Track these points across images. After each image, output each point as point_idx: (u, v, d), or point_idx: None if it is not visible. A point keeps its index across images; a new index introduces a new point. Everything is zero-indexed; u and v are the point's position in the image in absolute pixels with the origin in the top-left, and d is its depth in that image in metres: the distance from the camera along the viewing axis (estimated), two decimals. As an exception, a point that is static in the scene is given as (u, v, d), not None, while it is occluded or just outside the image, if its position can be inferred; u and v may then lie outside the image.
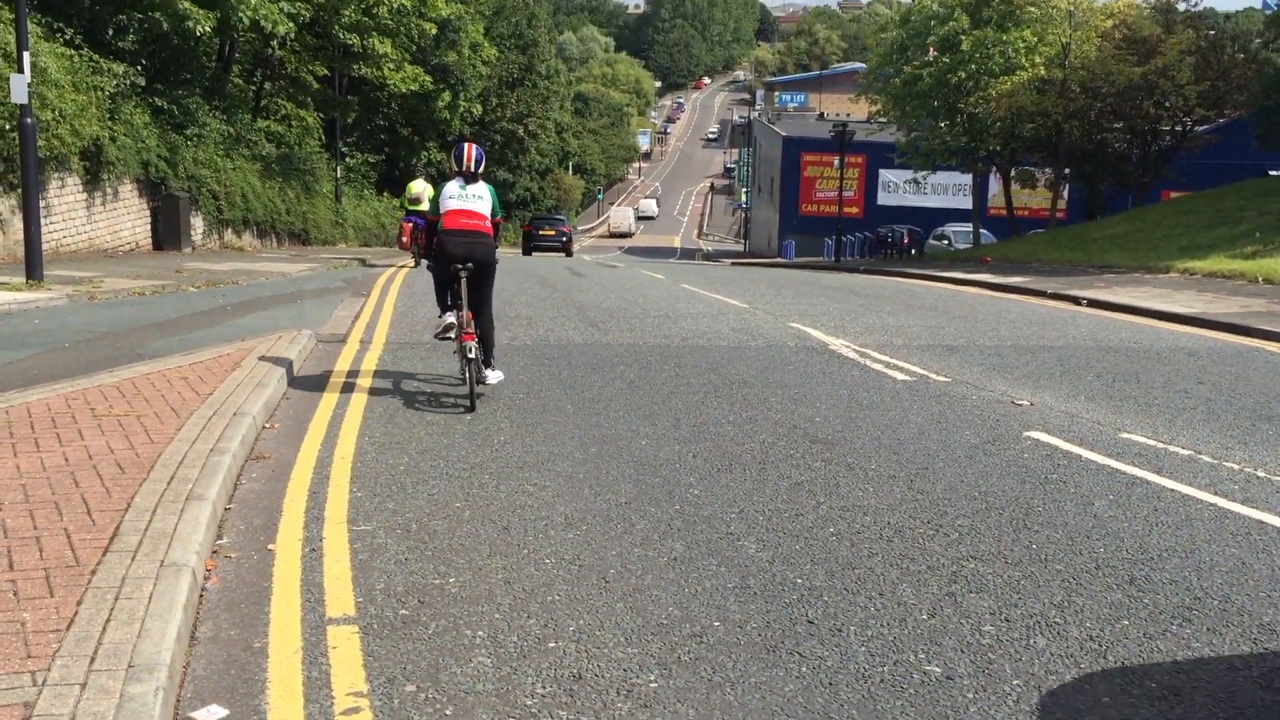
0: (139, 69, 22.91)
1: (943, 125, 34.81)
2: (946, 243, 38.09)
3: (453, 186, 8.19)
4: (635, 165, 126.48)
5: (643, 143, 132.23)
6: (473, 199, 8.10)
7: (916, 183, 43.43)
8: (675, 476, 6.12)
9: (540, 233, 41.57)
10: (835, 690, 3.62)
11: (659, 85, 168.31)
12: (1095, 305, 16.43)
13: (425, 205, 20.42)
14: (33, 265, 14.50)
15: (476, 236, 8.02)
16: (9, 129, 16.57)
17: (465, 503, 5.55)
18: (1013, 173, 35.89)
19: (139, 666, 3.29)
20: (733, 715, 3.45)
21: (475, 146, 8.41)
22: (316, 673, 3.66)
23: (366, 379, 8.79)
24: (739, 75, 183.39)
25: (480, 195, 8.16)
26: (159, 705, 3.14)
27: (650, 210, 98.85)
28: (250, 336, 10.31)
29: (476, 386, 7.90)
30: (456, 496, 5.66)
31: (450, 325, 8.01)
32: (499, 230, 8.32)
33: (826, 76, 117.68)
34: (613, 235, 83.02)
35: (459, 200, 8.08)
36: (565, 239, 41.51)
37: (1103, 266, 22.03)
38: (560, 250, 40.74)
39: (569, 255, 39.93)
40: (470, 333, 7.84)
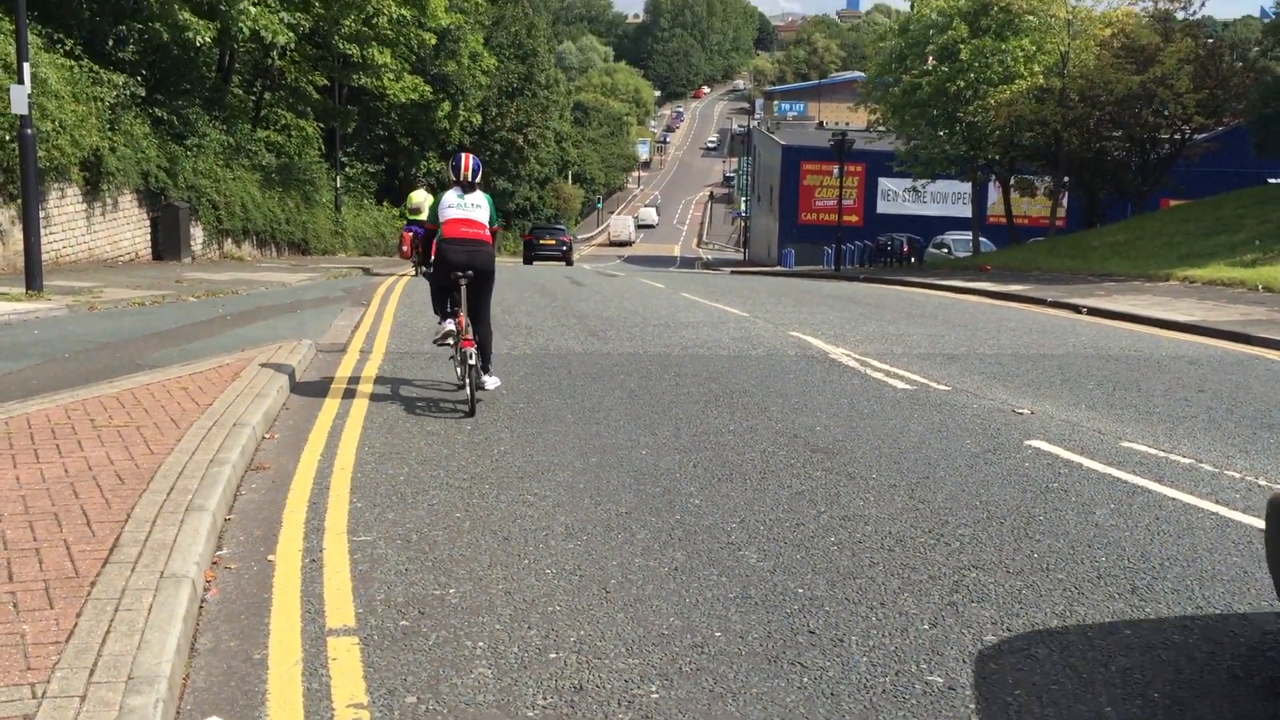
0: (139, 79, 22.96)
1: (942, 134, 34.91)
2: (946, 251, 38.11)
3: (451, 196, 8.31)
4: (635, 174, 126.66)
5: (642, 152, 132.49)
6: (471, 208, 8.24)
7: (916, 191, 43.50)
8: (676, 486, 6.11)
9: (541, 242, 42.23)
10: (837, 701, 3.61)
11: (658, 94, 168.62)
12: (1095, 313, 16.44)
13: (425, 215, 20.57)
14: (32, 276, 14.52)
15: (476, 244, 8.16)
16: (9, 140, 16.60)
17: (465, 513, 5.54)
18: (1012, 181, 35.98)
19: (139, 678, 3.28)
20: (734, 726, 3.44)
21: (473, 156, 8.53)
22: (317, 684, 3.65)
23: (366, 388, 8.79)
24: (738, 84, 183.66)
25: (479, 204, 8.28)
26: (159, 717, 3.13)
27: (650, 219, 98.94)
28: (250, 346, 10.32)
29: (475, 392, 7.99)
30: (457, 507, 5.65)
31: (450, 332, 8.29)
32: (497, 238, 8.44)
33: (825, 85, 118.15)
34: (612, 244, 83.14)
35: (458, 209, 8.20)
36: (565, 248, 42.28)
37: (1103, 274, 22.04)
38: (561, 259, 41.25)
39: (569, 264, 40.23)
40: (469, 339, 7.96)
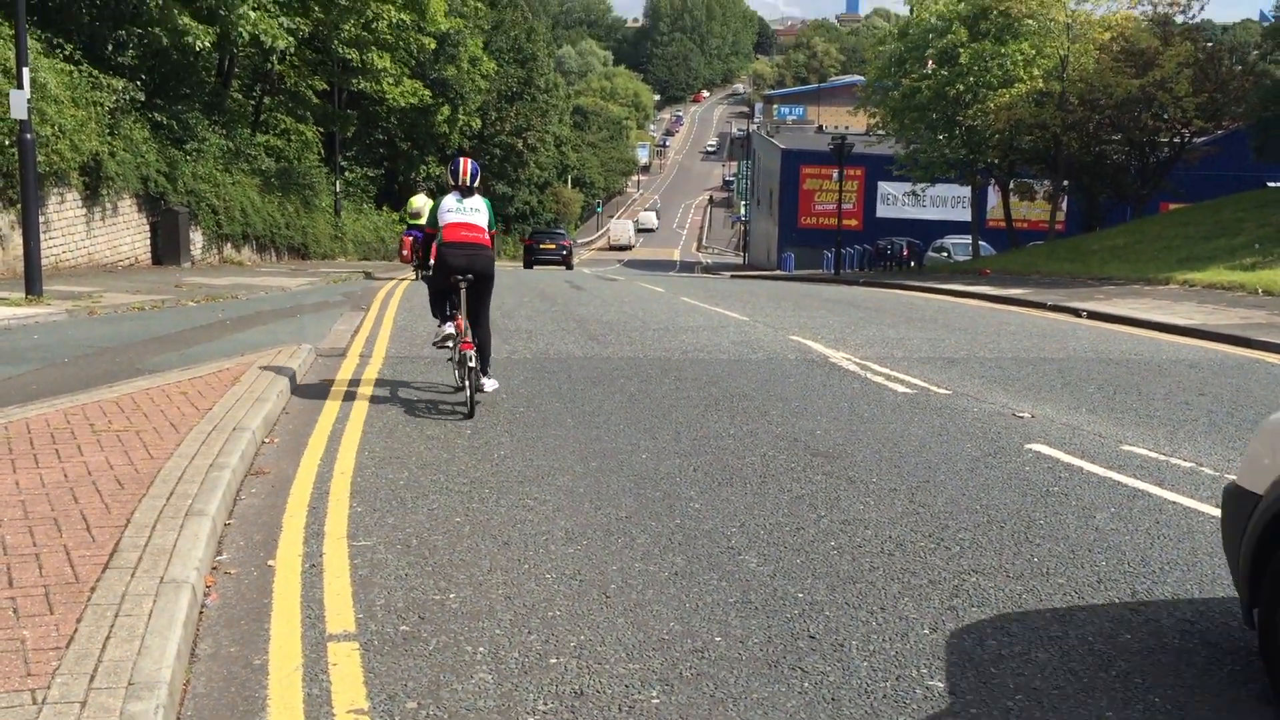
0: (138, 84, 22.97)
1: (941, 138, 34.91)
2: (946, 255, 38.13)
3: (450, 200, 8.41)
4: (634, 178, 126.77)
5: (641, 156, 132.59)
6: (470, 211, 8.37)
7: (915, 195, 43.50)
8: (676, 490, 6.11)
9: (541, 246, 42.58)
10: (838, 706, 3.60)
11: (658, 98, 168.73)
12: (1095, 317, 16.44)
13: (425, 219, 20.64)
14: (32, 280, 14.52)
15: (476, 248, 8.25)
16: (9, 144, 16.60)
17: (465, 517, 5.54)
18: (1011, 185, 35.98)
19: (139, 684, 3.28)
20: (735, 731, 3.44)
21: (471, 161, 8.65)
22: (317, 690, 3.64)
23: (366, 392, 8.79)
24: (737, 88, 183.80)
25: (477, 208, 8.38)
26: (159, 723, 3.12)
27: (650, 223, 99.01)
28: (250, 351, 10.31)
29: (474, 394, 8.06)
30: (457, 511, 5.64)
31: (449, 335, 8.47)
32: (496, 242, 8.52)
33: (825, 89, 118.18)
34: (612, 248, 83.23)
35: (457, 213, 8.33)
36: (566, 252, 42.67)
37: (1102, 278, 22.05)
38: (561, 264, 41.52)
39: (569, 268, 40.41)
40: (469, 342, 8.07)
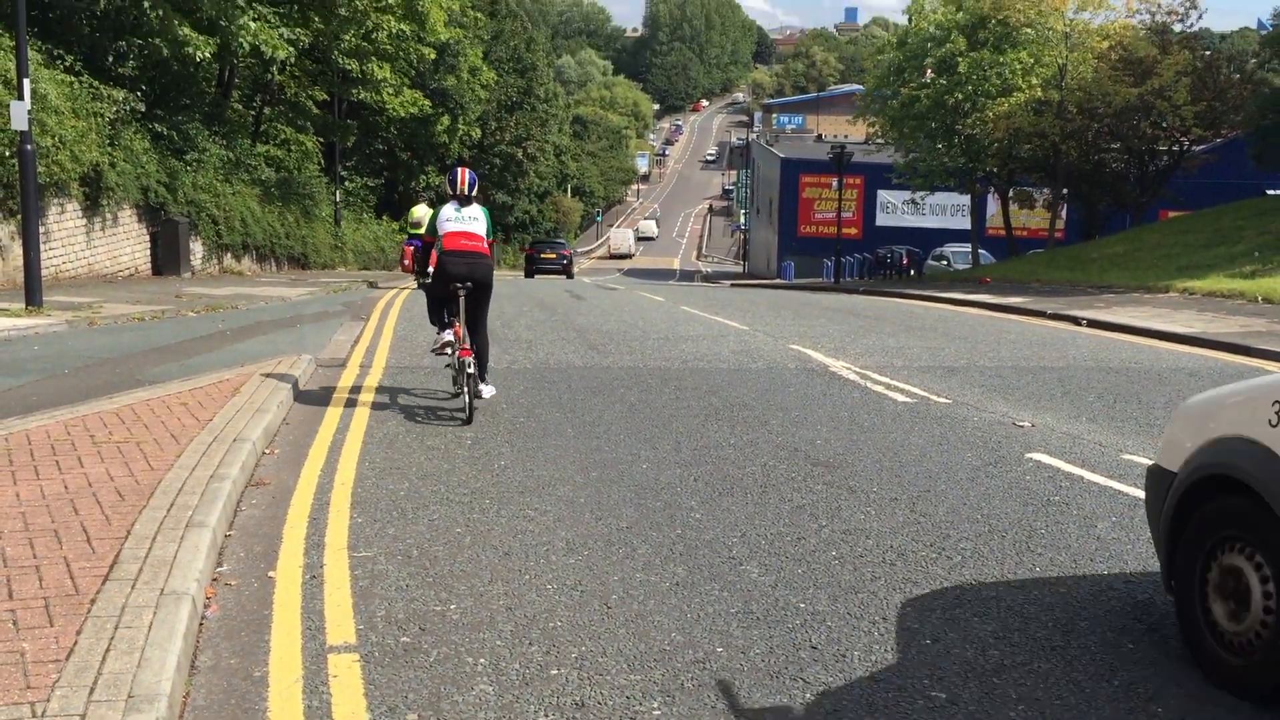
0: (139, 95, 23.01)
1: (940, 146, 34.97)
2: (945, 263, 38.16)
3: (449, 209, 8.49)
4: (634, 187, 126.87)
5: (641, 165, 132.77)
6: (469, 220, 8.49)
7: (915, 203, 43.57)
8: (676, 500, 6.10)
9: (542, 255, 43.02)
10: (839, 717, 3.59)
11: (657, 108, 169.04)
12: (1095, 325, 16.44)
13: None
14: (32, 291, 14.52)
15: (476, 257, 8.34)
16: (9, 155, 16.62)
17: (466, 528, 5.53)
18: (1011, 193, 36.03)
19: (139, 696, 3.27)
20: (737, 743, 3.43)
21: (469, 171, 8.74)
22: (317, 702, 3.63)
23: (366, 401, 8.79)
24: (737, 97, 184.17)
25: (476, 217, 8.47)
26: (159, 736, 3.12)
27: (650, 232, 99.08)
28: (250, 361, 10.31)
29: (473, 400, 8.13)
30: (457, 522, 5.64)
31: (448, 342, 8.56)
32: (494, 250, 8.62)
33: (824, 98, 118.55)
34: (612, 257, 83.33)
35: (457, 222, 8.45)
36: (566, 261, 43.18)
37: (1102, 286, 22.06)
38: (561, 273, 41.90)
39: (569, 277, 40.60)
40: (468, 348, 8.14)
